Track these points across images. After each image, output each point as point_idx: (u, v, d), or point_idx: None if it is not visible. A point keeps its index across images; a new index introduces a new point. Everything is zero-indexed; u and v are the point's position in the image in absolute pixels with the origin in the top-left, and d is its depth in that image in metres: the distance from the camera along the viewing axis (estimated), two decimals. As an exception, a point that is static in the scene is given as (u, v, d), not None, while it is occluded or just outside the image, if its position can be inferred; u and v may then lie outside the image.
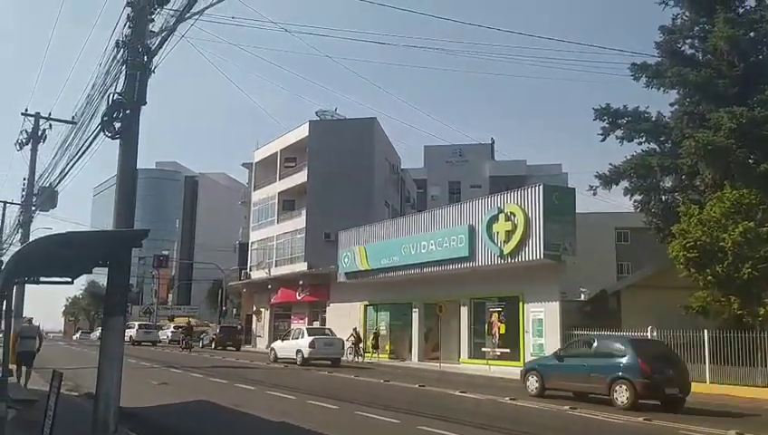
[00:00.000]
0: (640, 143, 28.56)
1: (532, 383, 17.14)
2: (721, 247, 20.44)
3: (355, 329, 32.97)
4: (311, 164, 46.12)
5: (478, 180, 62.81)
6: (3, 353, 11.39)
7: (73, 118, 17.48)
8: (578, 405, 13.87)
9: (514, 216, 24.67)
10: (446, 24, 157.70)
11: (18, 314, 22.58)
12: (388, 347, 33.59)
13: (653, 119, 28.50)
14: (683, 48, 28.63)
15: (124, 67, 9.37)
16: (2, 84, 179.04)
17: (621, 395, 14.42)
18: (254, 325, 50.02)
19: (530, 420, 12.40)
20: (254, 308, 50.29)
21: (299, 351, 27.64)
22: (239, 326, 49.93)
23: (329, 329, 31.73)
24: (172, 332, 54.10)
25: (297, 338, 28.73)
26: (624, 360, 15.01)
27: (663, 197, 28.56)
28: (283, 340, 30.74)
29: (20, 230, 24.80)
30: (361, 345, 32.26)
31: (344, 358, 29.17)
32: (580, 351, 17.13)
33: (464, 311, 28.65)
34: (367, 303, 35.18)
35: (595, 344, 16.78)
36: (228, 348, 42.54)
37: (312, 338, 27.71)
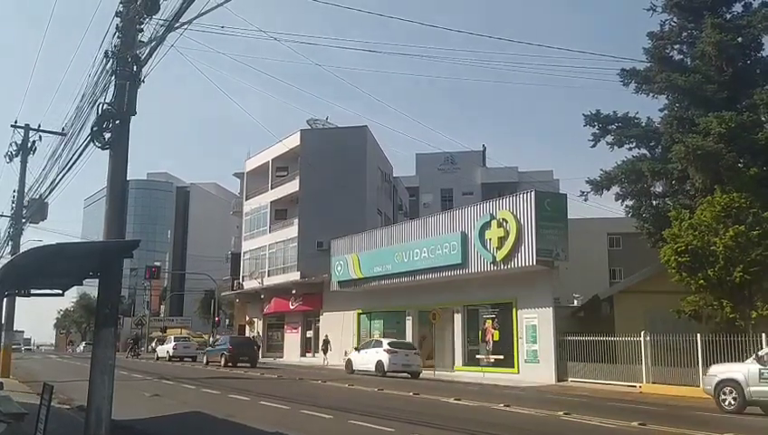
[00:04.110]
0: (630, 149, 28.81)
1: (204, 359, 35.44)
2: (712, 251, 20.54)
3: (254, 336, 44.52)
4: (302, 173, 46.11)
5: (470, 187, 62.90)
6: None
7: (63, 129, 17.44)
8: (571, 411, 13.85)
9: (507, 222, 24.71)
10: (437, 32, 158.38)
11: (9, 327, 22.44)
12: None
13: (643, 124, 28.73)
14: (671, 54, 28.91)
15: (113, 77, 9.34)
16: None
17: (221, 361, 32.06)
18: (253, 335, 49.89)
19: (523, 426, 12.37)
20: (247, 318, 50.12)
21: (167, 351, 41.05)
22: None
23: (188, 336, 50.42)
24: None
25: (168, 343, 42.68)
26: (224, 344, 33.68)
27: (654, 201, 28.74)
28: (163, 344, 45.06)
29: (10, 243, 24.64)
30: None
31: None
32: (218, 342, 36.05)
33: (457, 318, 28.65)
34: (360, 311, 35.13)
35: (220, 339, 37.16)
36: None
37: (175, 343, 41.81)
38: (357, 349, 28.96)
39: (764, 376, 14.64)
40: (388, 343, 26.95)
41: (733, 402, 15.13)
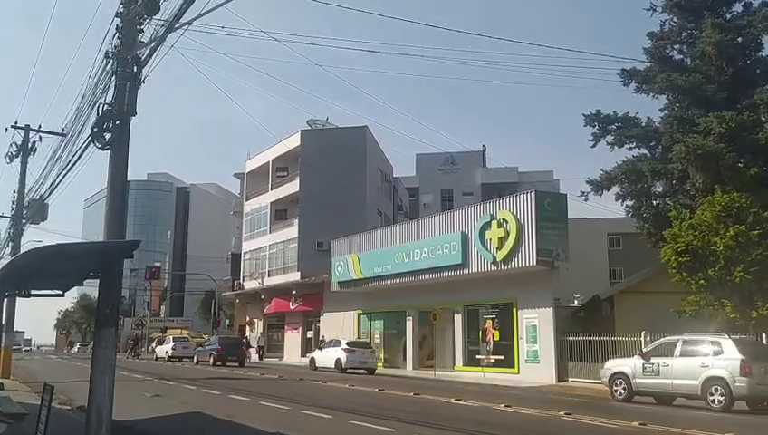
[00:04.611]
0: (631, 149, 28.74)
1: (194, 359, 37.05)
2: (713, 251, 20.50)
3: (258, 338, 45.08)
4: (302, 173, 46.11)
5: (470, 188, 62.90)
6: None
7: (63, 130, 17.45)
8: (573, 411, 13.85)
9: (507, 222, 24.70)
10: (437, 32, 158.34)
11: (9, 327, 22.44)
12: (382, 355, 33.55)
13: (643, 124, 28.67)
14: (671, 54, 28.87)
15: (114, 78, 9.35)
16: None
17: (210, 359, 34.01)
18: (246, 336, 49.85)
19: (524, 426, 12.38)
20: (248, 319, 50.10)
21: (166, 351, 41.85)
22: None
23: (187, 337, 49.48)
24: None
25: (167, 344, 43.22)
26: (213, 345, 35.49)
27: (654, 202, 28.67)
28: (162, 344, 45.64)
29: (10, 243, 24.64)
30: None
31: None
32: (207, 344, 38.06)
33: (458, 318, 28.62)
34: (360, 311, 35.11)
35: (210, 340, 39.34)
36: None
37: (174, 343, 42.39)
38: (319, 348, 31.95)
39: (647, 370, 16.97)
40: (346, 343, 29.78)
41: (623, 392, 17.44)
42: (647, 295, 24.61)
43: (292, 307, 42.17)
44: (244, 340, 43.54)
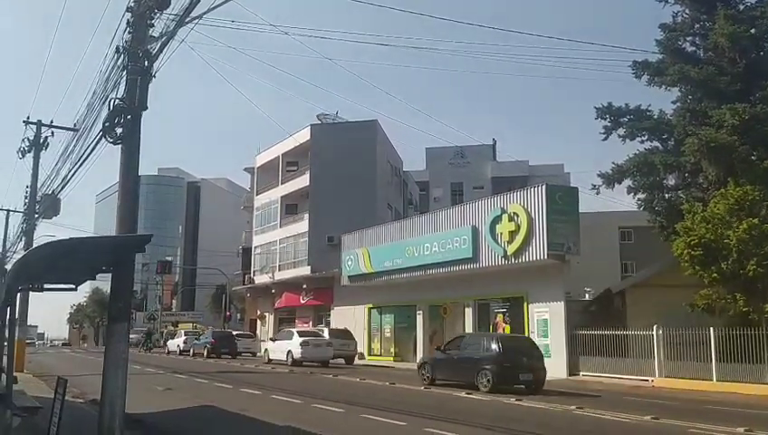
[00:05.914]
0: (643, 141, 28.54)
1: (191, 351, 38.73)
2: (725, 245, 20.35)
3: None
4: (313, 168, 46.15)
5: (480, 181, 62.77)
6: (8, 362, 11.33)
7: (75, 125, 17.53)
8: (584, 405, 13.82)
9: (518, 216, 24.63)
10: (446, 25, 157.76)
11: (22, 322, 22.62)
12: (393, 349, 33.60)
13: (655, 117, 28.44)
14: (684, 46, 28.63)
15: (125, 73, 9.36)
16: (3, 92, 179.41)
17: (204, 352, 35.77)
18: (258, 330, 50.06)
19: (536, 420, 12.34)
20: (258, 313, 50.29)
21: (178, 345, 42.72)
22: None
23: (198, 331, 48.77)
24: None
25: (179, 338, 44.32)
26: (207, 338, 38.10)
27: (666, 195, 28.48)
28: (173, 338, 46.84)
29: (23, 238, 24.82)
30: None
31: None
32: (202, 337, 39.94)
33: (468, 312, 28.59)
34: (371, 305, 35.14)
35: (205, 333, 41.52)
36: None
37: (185, 337, 42.75)
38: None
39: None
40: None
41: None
42: (659, 289, 24.44)
43: (302, 301, 42.30)
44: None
